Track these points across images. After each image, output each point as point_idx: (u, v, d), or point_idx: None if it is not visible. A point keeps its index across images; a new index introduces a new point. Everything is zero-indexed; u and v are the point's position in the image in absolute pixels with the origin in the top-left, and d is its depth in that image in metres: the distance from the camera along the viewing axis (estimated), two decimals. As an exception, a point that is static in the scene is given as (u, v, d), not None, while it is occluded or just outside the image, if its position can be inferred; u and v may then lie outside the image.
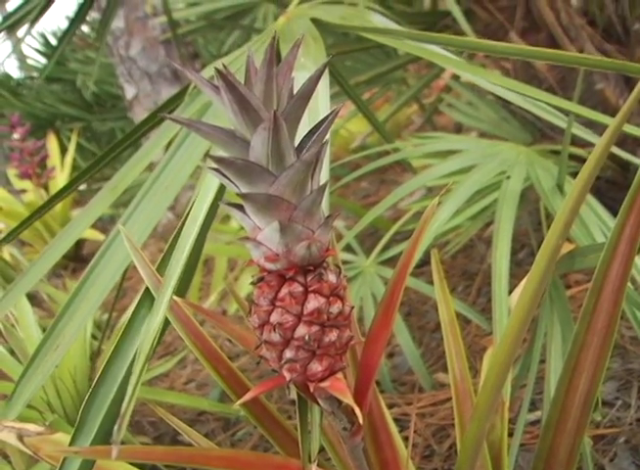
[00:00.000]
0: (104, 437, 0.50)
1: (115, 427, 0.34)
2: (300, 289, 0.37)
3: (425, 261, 1.64)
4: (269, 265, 0.37)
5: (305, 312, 0.37)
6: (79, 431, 0.48)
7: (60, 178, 2.60)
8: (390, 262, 1.39)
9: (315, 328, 0.38)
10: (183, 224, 0.51)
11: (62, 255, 0.75)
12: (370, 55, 1.46)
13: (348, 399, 0.35)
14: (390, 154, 1.31)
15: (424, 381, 1.20)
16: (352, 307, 0.40)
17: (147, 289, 0.54)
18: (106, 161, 0.91)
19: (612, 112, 1.34)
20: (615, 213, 0.98)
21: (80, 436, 0.48)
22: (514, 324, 0.50)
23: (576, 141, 1.27)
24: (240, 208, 0.37)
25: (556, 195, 0.81)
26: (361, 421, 0.34)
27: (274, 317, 0.38)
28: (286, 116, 0.34)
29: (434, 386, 1.22)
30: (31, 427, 0.59)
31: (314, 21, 0.67)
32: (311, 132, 0.37)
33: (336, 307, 0.38)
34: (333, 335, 0.38)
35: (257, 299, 0.38)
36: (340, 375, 0.39)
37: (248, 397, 0.40)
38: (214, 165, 0.37)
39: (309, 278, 0.38)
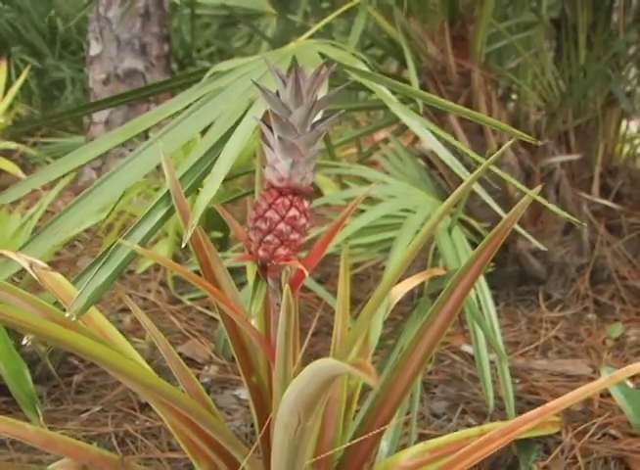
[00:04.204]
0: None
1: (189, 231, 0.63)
2: (288, 202, 0.67)
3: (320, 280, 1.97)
4: (277, 183, 0.67)
5: (287, 216, 0.67)
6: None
7: (-2, 106, 2.75)
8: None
9: (289, 227, 0.68)
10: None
11: (55, 177, 1.00)
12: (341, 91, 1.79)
13: (300, 266, 0.65)
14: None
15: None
16: (310, 226, 0.70)
17: (166, 194, 0.82)
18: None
19: (507, 199, 1.73)
20: (490, 285, 1.33)
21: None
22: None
23: (474, 214, 1.64)
24: (268, 145, 0.67)
25: (444, 235, 1.15)
26: (309, 276, 0.64)
27: (268, 214, 0.67)
28: (317, 105, 0.65)
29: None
30: (39, 262, 0.85)
31: (321, 54, 0.99)
32: (322, 119, 0.68)
33: (302, 220, 0.69)
34: (296, 235, 0.68)
35: (261, 201, 0.68)
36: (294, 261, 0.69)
37: (230, 262, 0.69)
38: (259, 117, 0.67)
39: (295, 198, 0.68)
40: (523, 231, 1.25)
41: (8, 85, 2.98)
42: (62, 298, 0.83)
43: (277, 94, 0.66)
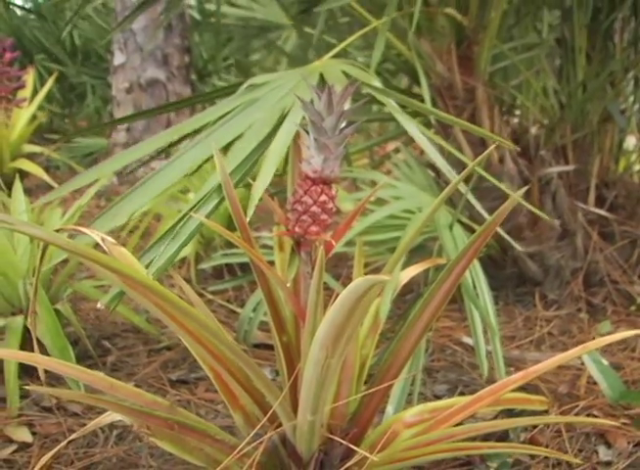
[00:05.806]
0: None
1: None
2: (319, 190, 0.89)
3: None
4: (311, 174, 0.89)
5: (318, 200, 0.89)
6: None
7: (25, 112, 3.00)
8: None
9: (319, 209, 0.90)
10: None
11: (115, 168, 1.22)
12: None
13: (328, 238, 0.87)
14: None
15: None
16: (335, 211, 0.92)
17: (217, 188, 1.04)
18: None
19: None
20: (490, 286, 1.54)
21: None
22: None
23: (474, 217, 1.86)
24: (306, 146, 0.89)
25: (446, 230, 1.37)
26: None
27: (304, 199, 0.89)
28: (344, 114, 0.87)
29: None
30: (108, 237, 1.07)
31: (343, 72, 1.22)
32: (347, 125, 0.90)
33: (330, 205, 0.91)
34: (325, 216, 0.90)
35: (298, 188, 0.90)
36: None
37: (280, 233, 0.90)
38: (299, 123, 0.89)
39: (325, 186, 0.90)
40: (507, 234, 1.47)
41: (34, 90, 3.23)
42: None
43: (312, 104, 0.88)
